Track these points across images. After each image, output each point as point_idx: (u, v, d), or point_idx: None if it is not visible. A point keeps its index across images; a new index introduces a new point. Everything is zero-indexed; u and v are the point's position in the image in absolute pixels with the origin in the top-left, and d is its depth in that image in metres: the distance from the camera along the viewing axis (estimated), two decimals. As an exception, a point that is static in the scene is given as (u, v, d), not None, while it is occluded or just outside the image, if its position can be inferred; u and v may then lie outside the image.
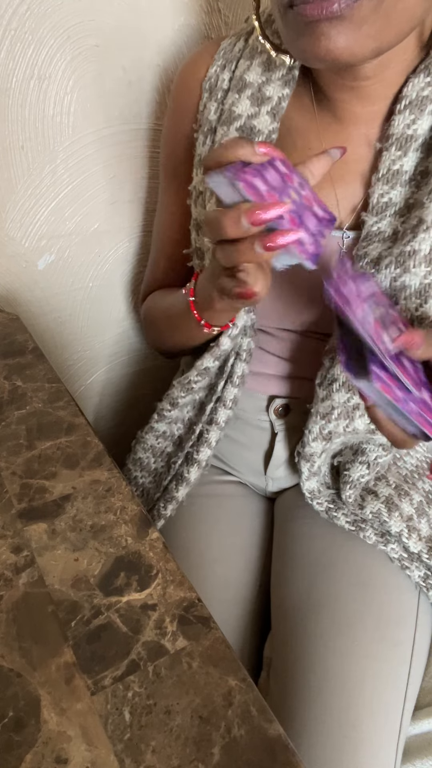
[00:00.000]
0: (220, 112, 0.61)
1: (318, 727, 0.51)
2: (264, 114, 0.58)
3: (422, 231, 0.52)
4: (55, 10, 0.65)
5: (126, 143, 0.77)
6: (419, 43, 0.52)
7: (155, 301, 0.75)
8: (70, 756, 0.32)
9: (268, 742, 0.33)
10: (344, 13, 0.43)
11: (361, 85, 0.53)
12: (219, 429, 0.67)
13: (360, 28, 0.44)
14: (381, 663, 0.54)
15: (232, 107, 0.59)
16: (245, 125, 0.59)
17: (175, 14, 0.73)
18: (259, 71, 0.59)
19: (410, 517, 0.61)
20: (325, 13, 0.43)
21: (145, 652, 0.37)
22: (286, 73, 0.58)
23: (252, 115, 0.59)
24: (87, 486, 0.49)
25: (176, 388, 0.66)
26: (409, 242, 0.52)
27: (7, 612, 0.39)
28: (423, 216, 0.52)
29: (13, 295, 0.80)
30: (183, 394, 0.66)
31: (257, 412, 0.69)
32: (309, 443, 0.62)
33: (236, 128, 0.59)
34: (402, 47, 0.50)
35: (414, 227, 0.52)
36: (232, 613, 0.64)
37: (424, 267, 0.52)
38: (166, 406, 0.68)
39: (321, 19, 0.43)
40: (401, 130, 0.53)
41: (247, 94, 0.59)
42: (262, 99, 0.58)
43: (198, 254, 0.66)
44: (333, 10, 0.42)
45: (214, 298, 0.54)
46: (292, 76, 0.58)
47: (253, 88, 0.59)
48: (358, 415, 0.60)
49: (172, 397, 0.67)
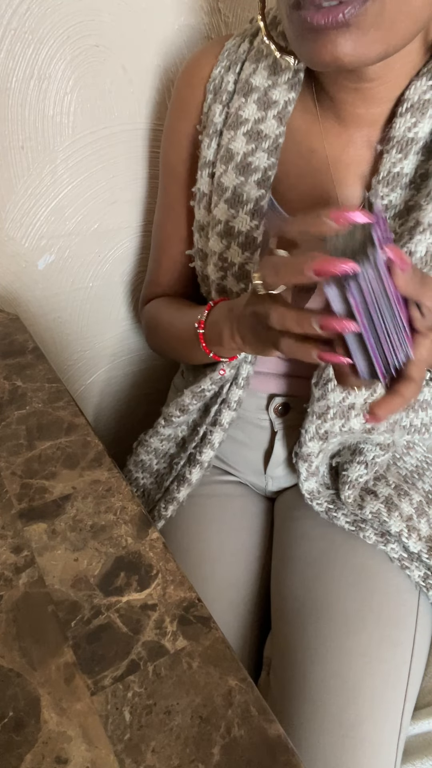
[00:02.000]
0: (226, 115, 0.61)
1: (318, 727, 0.51)
2: (270, 118, 0.58)
3: (419, 233, 0.52)
4: (55, 10, 0.65)
5: (126, 143, 0.77)
6: (423, 46, 0.52)
7: (160, 312, 0.73)
8: (70, 756, 0.32)
9: (268, 742, 0.33)
10: (350, 21, 0.43)
11: (365, 86, 0.53)
12: (223, 430, 0.67)
13: (366, 34, 0.44)
14: (381, 663, 0.54)
15: (239, 111, 0.59)
16: (252, 130, 0.59)
17: (175, 14, 0.73)
18: (265, 75, 0.59)
19: (410, 516, 0.61)
20: (331, 21, 0.43)
21: (145, 652, 0.37)
22: (292, 77, 0.58)
23: (259, 120, 0.59)
24: (87, 486, 0.49)
25: (187, 395, 0.66)
26: (405, 244, 0.52)
27: (7, 612, 0.39)
28: (420, 218, 0.52)
29: (13, 295, 0.80)
30: (195, 401, 0.66)
31: (257, 411, 0.69)
32: (306, 443, 0.62)
33: (243, 133, 0.59)
34: (406, 49, 0.50)
35: (411, 229, 0.52)
36: (232, 613, 0.64)
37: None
38: (175, 413, 0.68)
39: (328, 27, 0.43)
40: (402, 133, 0.53)
41: (253, 98, 0.59)
42: (269, 103, 0.58)
43: (200, 256, 0.66)
44: (339, 19, 0.42)
45: (226, 336, 0.54)
46: (298, 80, 0.58)
47: (260, 92, 0.59)
48: (354, 415, 0.60)
49: (183, 404, 0.66)
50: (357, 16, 0.42)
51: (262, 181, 0.59)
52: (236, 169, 0.59)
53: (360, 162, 0.57)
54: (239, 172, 0.59)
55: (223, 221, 0.60)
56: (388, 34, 0.44)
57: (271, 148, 0.58)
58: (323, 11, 0.43)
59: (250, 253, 0.59)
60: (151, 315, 0.75)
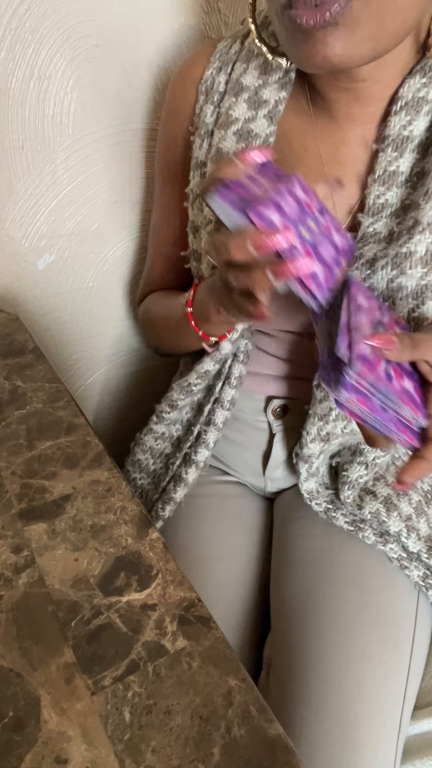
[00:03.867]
0: (217, 115, 0.61)
1: (318, 727, 0.51)
2: (261, 117, 0.58)
3: (418, 232, 0.52)
4: (55, 10, 0.65)
5: (126, 143, 0.77)
6: (415, 45, 0.52)
7: (153, 303, 0.75)
8: (70, 756, 0.32)
9: (268, 742, 0.33)
10: (338, 19, 0.43)
11: (358, 86, 0.53)
12: (217, 430, 0.67)
13: (355, 32, 0.44)
14: (380, 663, 0.54)
15: (229, 111, 0.59)
16: (242, 129, 0.59)
17: (175, 14, 0.73)
18: (255, 74, 0.59)
19: (409, 516, 0.61)
20: (319, 20, 0.43)
21: (145, 652, 0.37)
22: (283, 76, 0.58)
23: (249, 119, 0.59)
24: (87, 486, 0.49)
25: (175, 390, 0.66)
26: (404, 244, 0.52)
27: (7, 612, 0.39)
28: (419, 217, 0.52)
29: (13, 295, 0.80)
30: (182, 396, 0.66)
31: (255, 413, 0.69)
32: (307, 444, 0.62)
33: (233, 132, 0.59)
34: (398, 49, 0.50)
35: (410, 228, 0.52)
36: (232, 613, 0.64)
37: (420, 268, 0.52)
38: (165, 408, 0.68)
39: (317, 27, 0.44)
40: (397, 131, 0.53)
41: (243, 97, 0.59)
42: (259, 102, 0.59)
43: (195, 257, 0.66)
44: (327, 17, 0.43)
45: (212, 311, 0.54)
46: (289, 79, 0.58)
47: (250, 92, 0.59)
48: None
49: (171, 399, 0.67)
50: (344, 15, 0.43)
51: None
52: None
53: (355, 161, 0.57)
54: None
55: (214, 221, 0.60)
56: (377, 33, 0.45)
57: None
58: (311, 11, 0.43)
59: None
60: (145, 309, 0.76)
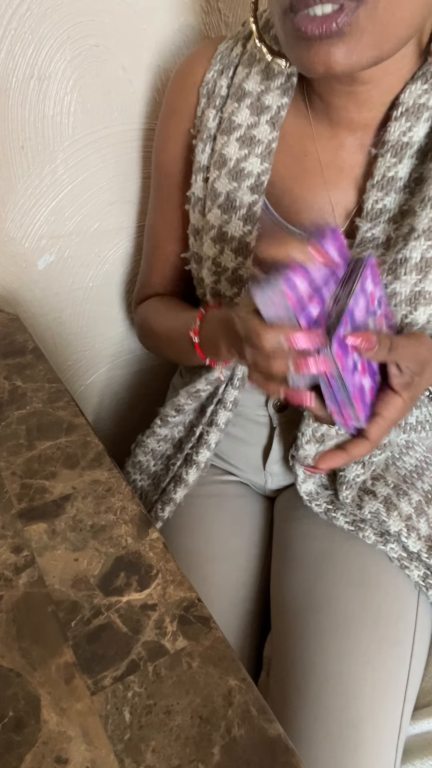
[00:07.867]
0: (219, 120, 0.61)
1: (318, 727, 0.51)
2: (263, 123, 0.58)
3: (413, 239, 0.52)
4: (55, 10, 0.65)
5: (126, 143, 0.77)
6: (417, 50, 0.52)
7: (153, 312, 0.73)
8: (70, 756, 0.32)
9: (268, 742, 0.33)
10: (344, 30, 0.43)
11: (358, 90, 0.53)
12: (219, 431, 0.67)
13: (360, 41, 0.44)
14: (380, 663, 0.54)
15: (232, 116, 0.59)
16: (245, 135, 0.59)
17: (175, 14, 0.73)
18: (258, 80, 0.59)
19: (409, 516, 0.61)
20: (325, 30, 0.43)
21: (145, 652, 0.37)
22: (285, 81, 0.58)
23: (252, 125, 0.59)
24: (87, 486, 0.49)
25: (182, 395, 0.66)
26: (400, 250, 0.52)
27: (7, 612, 0.39)
28: (414, 224, 0.52)
29: (13, 295, 0.80)
30: (190, 402, 0.66)
31: (256, 407, 0.69)
32: (302, 446, 0.62)
33: (236, 138, 0.59)
34: (400, 54, 0.50)
35: (405, 235, 0.52)
36: (232, 613, 0.64)
37: (414, 275, 0.52)
38: (170, 413, 0.68)
39: (322, 37, 0.43)
40: (397, 137, 0.53)
41: (246, 103, 0.59)
42: (262, 108, 0.58)
43: (196, 259, 0.66)
44: (333, 28, 0.42)
45: (223, 348, 0.54)
46: (291, 84, 0.58)
47: (252, 98, 0.59)
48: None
49: (178, 404, 0.67)
50: (350, 24, 0.42)
51: (255, 187, 0.59)
52: (229, 175, 0.59)
53: (353, 166, 0.57)
54: (232, 178, 0.59)
55: (216, 226, 0.60)
56: (381, 40, 0.44)
57: (264, 154, 0.58)
58: (317, 21, 0.42)
59: (243, 258, 0.60)
60: (144, 317, 0.75)
